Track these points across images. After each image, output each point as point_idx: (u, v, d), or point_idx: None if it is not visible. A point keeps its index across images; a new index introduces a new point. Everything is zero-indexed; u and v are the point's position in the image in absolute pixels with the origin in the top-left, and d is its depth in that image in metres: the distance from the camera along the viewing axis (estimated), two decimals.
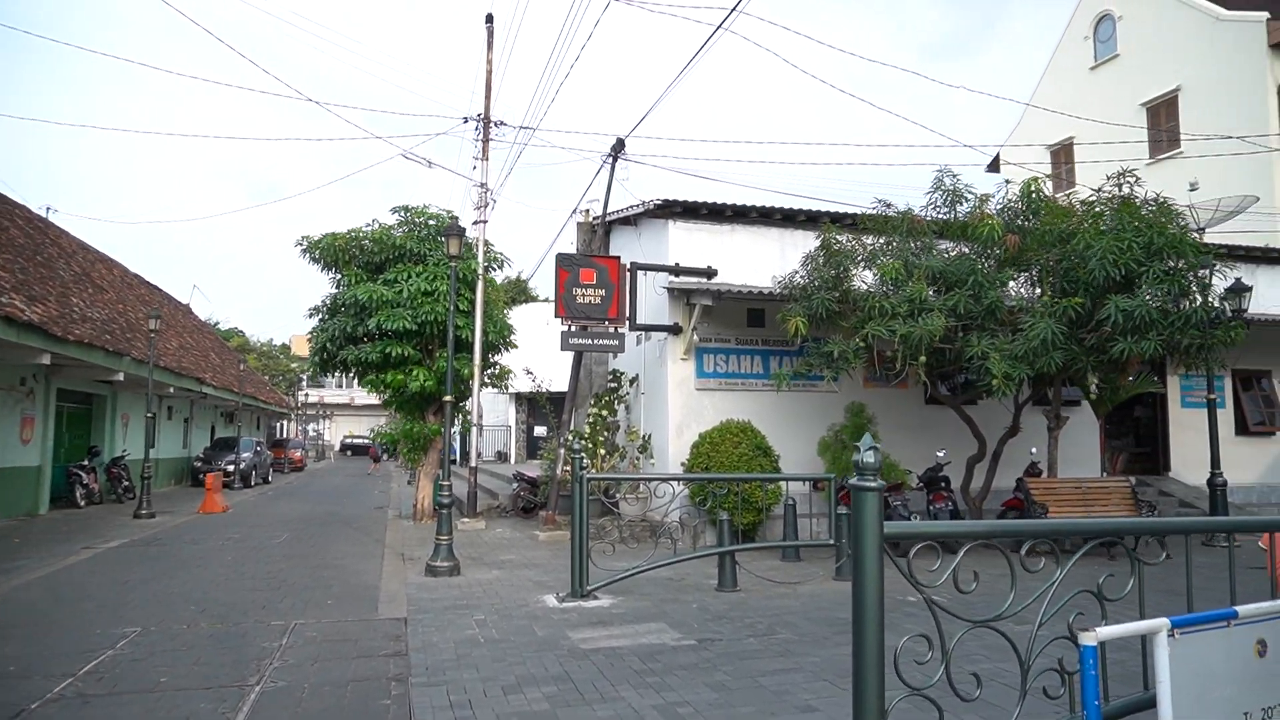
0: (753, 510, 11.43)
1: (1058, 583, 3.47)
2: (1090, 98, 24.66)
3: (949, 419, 12.87)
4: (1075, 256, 10.29)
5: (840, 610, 7.66)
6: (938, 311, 10.03)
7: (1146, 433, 16.51)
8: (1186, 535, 3.81)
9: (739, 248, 13.60)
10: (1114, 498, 11.60)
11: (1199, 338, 10.21)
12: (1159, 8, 23.80)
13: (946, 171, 11.20)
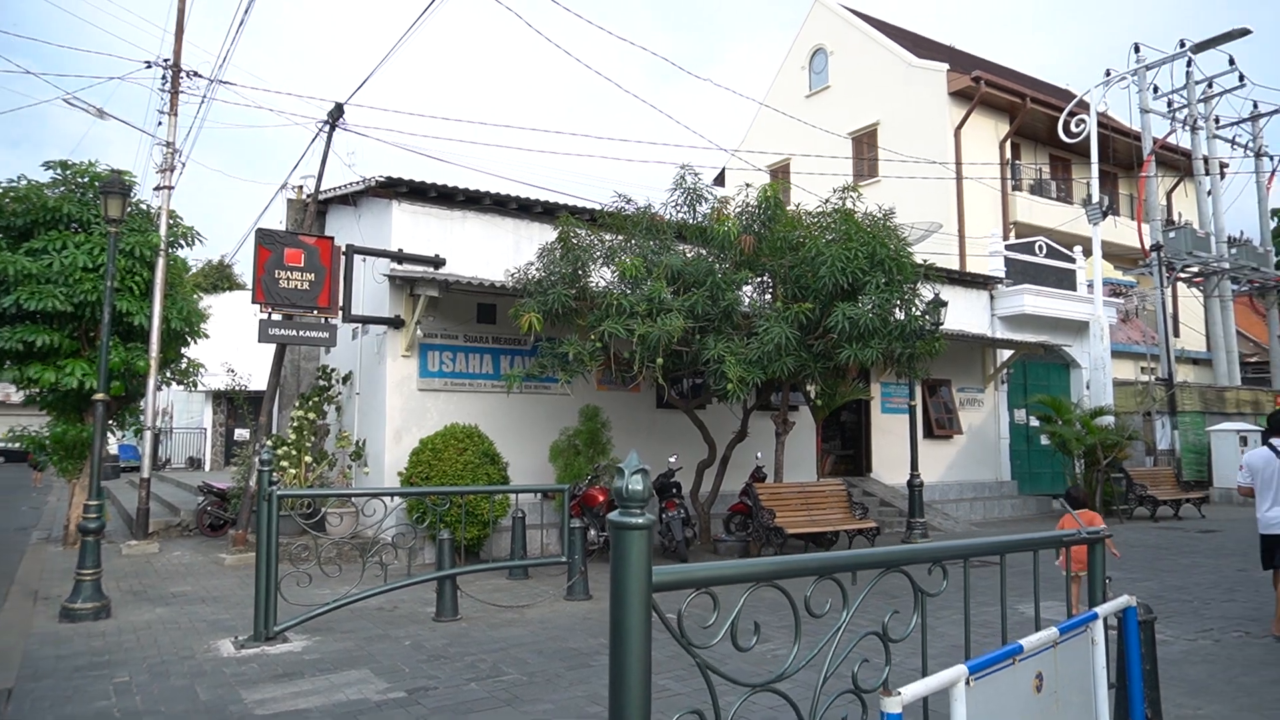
0: (477, 524, 10.43)
1: (843, 627, 2.90)
2: (806, 124, 26.43)
3: (680, 423, 12.72)
4: (806, 264, 10.44)
5: (574, 638, 6.91)
6: (676, 312, 9.70)
7: (851, 436, 17.65)
8: (965, 560, 3.43)
9: (470, 237, 12.54)
10: (831, 501, 12.00)
11: (910, 347, 10.76)
12: (863, 48, 26.03)
13: (688, 170, 10.97)
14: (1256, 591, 8.74)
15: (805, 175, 21.30)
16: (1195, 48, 21.52)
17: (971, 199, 22.79)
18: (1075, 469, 16.64)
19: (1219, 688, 5.43)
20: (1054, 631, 3.34)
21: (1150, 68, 22.05)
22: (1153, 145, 22.34)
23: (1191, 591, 8.77)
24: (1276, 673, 5.78)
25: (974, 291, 18.25)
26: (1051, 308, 18.45)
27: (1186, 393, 20.87)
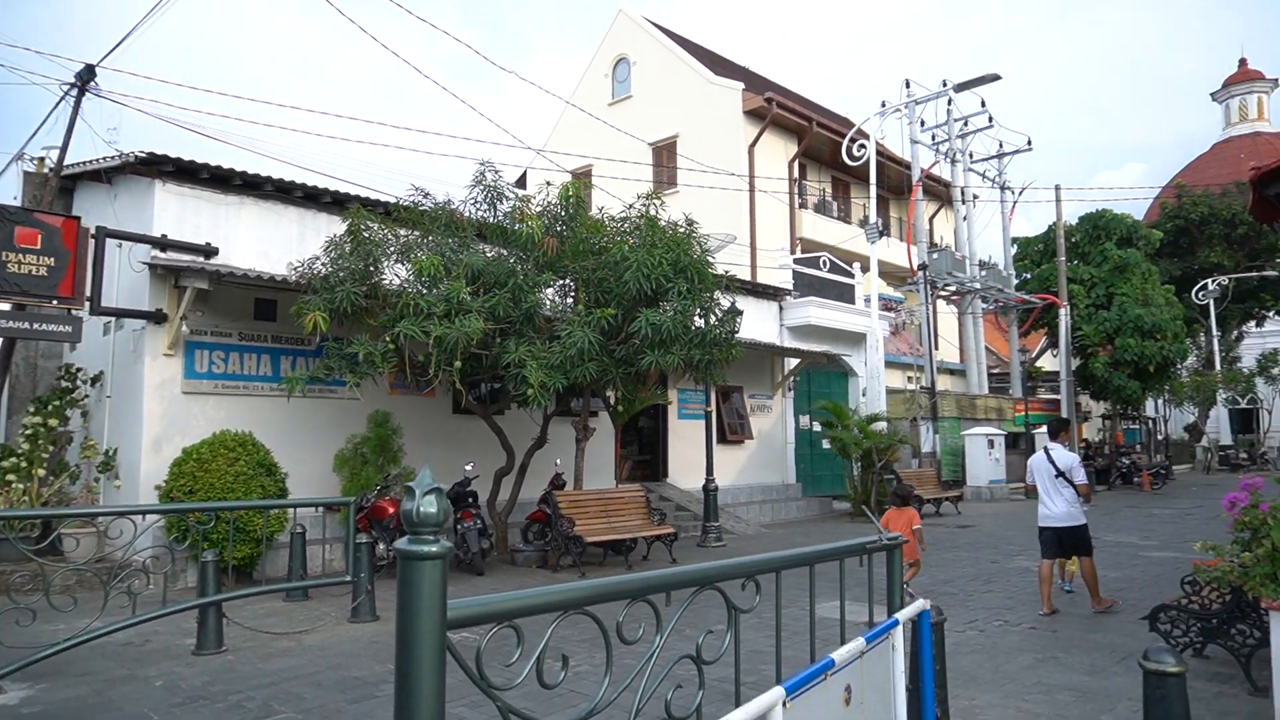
0: (249, 542, 9.45)
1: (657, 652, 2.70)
2: (609, 131, 26.65)
3: (478, 430, 12.26)
4: (609, 268, 10.35)
5: (358, 665, 6.34)
6: (476, 313, 9.28)
7: (649, 441, 17.87)
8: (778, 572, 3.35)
9: (249, 225, 11.43)
10: (630, 507, 11.99)
11: (708, 354, 10.95)
12: (665, 61, 26.66)
13: (489, 167, 10.56)
14: (1009, 582, 9.60)
15: (608, 180, 21.40)
16: (956, 88, 23.74)
17: (763, 213, 23.89)
18: (853, 471, 17.76)
19: (987, 677, 5.81)
20: (861, 642, 3.32)
21: (919, 103, 24.09)
22: (920, 174, 24.41)
23: (956, 584, 9.49)
24: (1032, 658, 6.28)
25: (765, 302, 19.06)
26: (834, 320, 19.64)
27: (946, 400, 22.94)
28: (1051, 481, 7.87)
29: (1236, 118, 56.51)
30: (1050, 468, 7.88)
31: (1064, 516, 7.81)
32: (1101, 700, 5.25)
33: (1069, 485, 7.81)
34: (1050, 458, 7.92)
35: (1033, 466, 8.13)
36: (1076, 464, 7.92)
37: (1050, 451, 7.98)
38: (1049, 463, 7.90)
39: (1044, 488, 7.93)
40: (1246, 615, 5.46)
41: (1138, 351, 26.10)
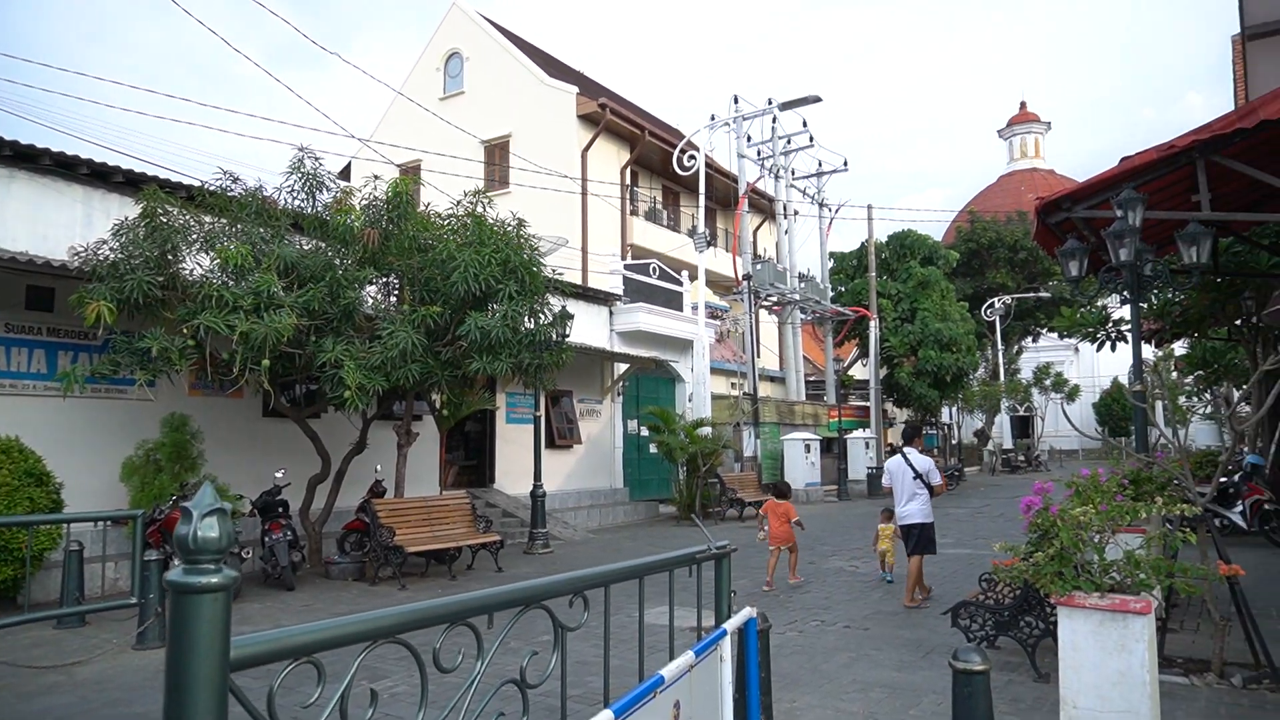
0: (12, 562, 8.32)
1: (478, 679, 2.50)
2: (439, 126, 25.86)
3: (290, 434, 11.45)
4: (436, 267, 9.95)
5: (141, 699, 5.67)
6: (288, 309, 8.64)
7: (476, 446, 17.41)
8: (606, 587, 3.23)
9: (21, 202, 10.12)
10: (455, 515, 11.59)
11: (538, 358, 10.76)
12: (498, 58, 26.21)
13: (308, 153, 9.89)
14: (825, 582, 10.01)
15: (438, 176, 20.73)
16: (781, 106, 24.81)
17: (595, 218, 23.96)
18: (679, 475, 18.07)
19: (807, 678, 5.97)
20: (690, 656, 3.25)
21: (746, 119, 24.97)
22: (746, 187, 25.32)
23: (776, 585, 9.78)
24: (848, 657, 6.53)
25: (595, 307, 19.07)
26: (663, 326, 19.94)
27: (767, 406, 23.86)
28: (909, 483, 8.45)
29: (1019, 154, 62.73)
30: (909, 470, 8.48)
31: (916, 514, 8.45)
32: (910, 695, 5.51)
33: (925, 486, 8.44)
34: (909, 461, 8.53)
35: (890, 469, 8.70)
36: (932, 467, 8.61)
37: (908, 456, 8.59)
38: (908, 466, 8.50)
39: (900, 489, 8.52)
40: (1033, 609, 5.91)
41: (937, 363, 28.28)
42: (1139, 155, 9.34)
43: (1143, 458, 6.90)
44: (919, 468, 8.51)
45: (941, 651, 6.57)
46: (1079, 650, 4.07)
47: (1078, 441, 43.81)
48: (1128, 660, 3.94)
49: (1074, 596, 4.08)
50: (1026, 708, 5.18)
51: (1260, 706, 5.10)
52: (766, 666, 4.32)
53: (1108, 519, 4.40)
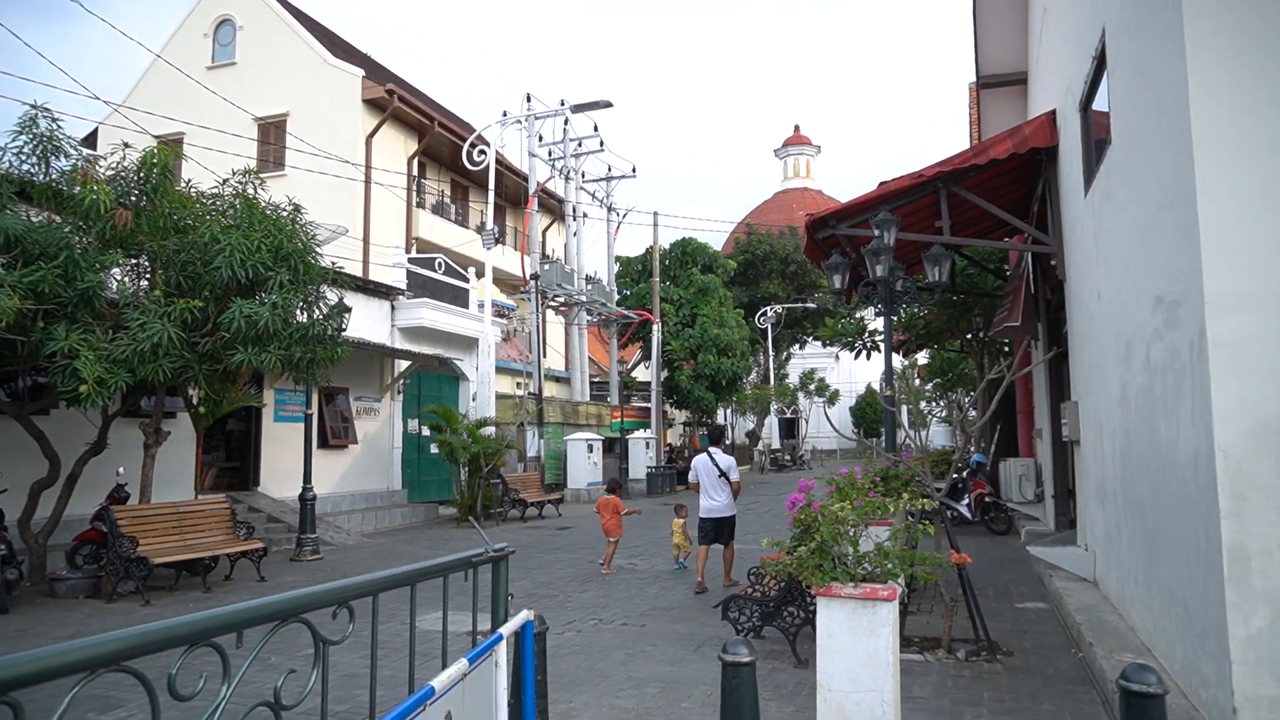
0: None
1: (223, 706, 2.27)
2: (207, 98, 23.70)
3: (11, 432, 10.01)
4: (197, 250, 9.09)
5: None
6: (9, 289, 7.55)
7: (239, 446, 16.12)
8: (375, 596, 3.05)
9: None
10: (211, 521, 10.64)
11: (311, 352, 10.12)
12: (277, 31, 24.46)
13: (43, 112, 8.68)
14: (604, 581, 10.17)
15: (203, 152, 18.97)
16: (573, 109, 25.00)
17: (379, 208, 22.96)
18: (461, 476, 17.69)
19: (584, 677, 6.01)
20: (464, 664, 3.15)
21: (538, 118, 24.95)
22: (536, 187, 25.28)
23: (556, 586, 9.81)
24: (624, 654, 6.65)
25: (376, 300, 18.25)
26: (447, 323, 19.44)
27: (551, 407, 23.95)
28: (715, 480, 9.16)
29: (792, 173, 67.30)
30: (714, 468, 9.19)
31: (724, 508, 9.19)
32: (682, 688, 5.69)
33: (728, 483, 9.20)
34: (714, 460, 9.25)
35: (697, 467, 9.37)
36: (734, 465, 9.42)
37: (713, 455, 9.33)
38: (713, 464, 9.21)
39: (707, 485, 9.20)
40: (795, 600, 6.31)
41: (715, 367, 29.66)
42: (894, 181, 10.28)
43: (890, 457, 7.58)
44: (723, 466, 9.22)
45: (713, 644, 6.86)
46: (834, 636, 4.38)
47: (837, 442, 47.61)
48: (875, 643, 4.29)
49: (831, 587, 4.38)
50: (789, 693, 5.51)
51: (979, 676, 5.74)
52: (543, 669, 4.30)
53: (863, 514, 4.77)
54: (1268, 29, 4.27)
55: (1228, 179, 4.27)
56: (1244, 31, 4.31)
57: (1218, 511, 4.10)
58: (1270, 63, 4.25)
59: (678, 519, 10.80)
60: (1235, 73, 4.30)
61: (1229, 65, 4.32)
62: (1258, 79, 4.26)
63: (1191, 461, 4.52)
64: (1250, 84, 4.28)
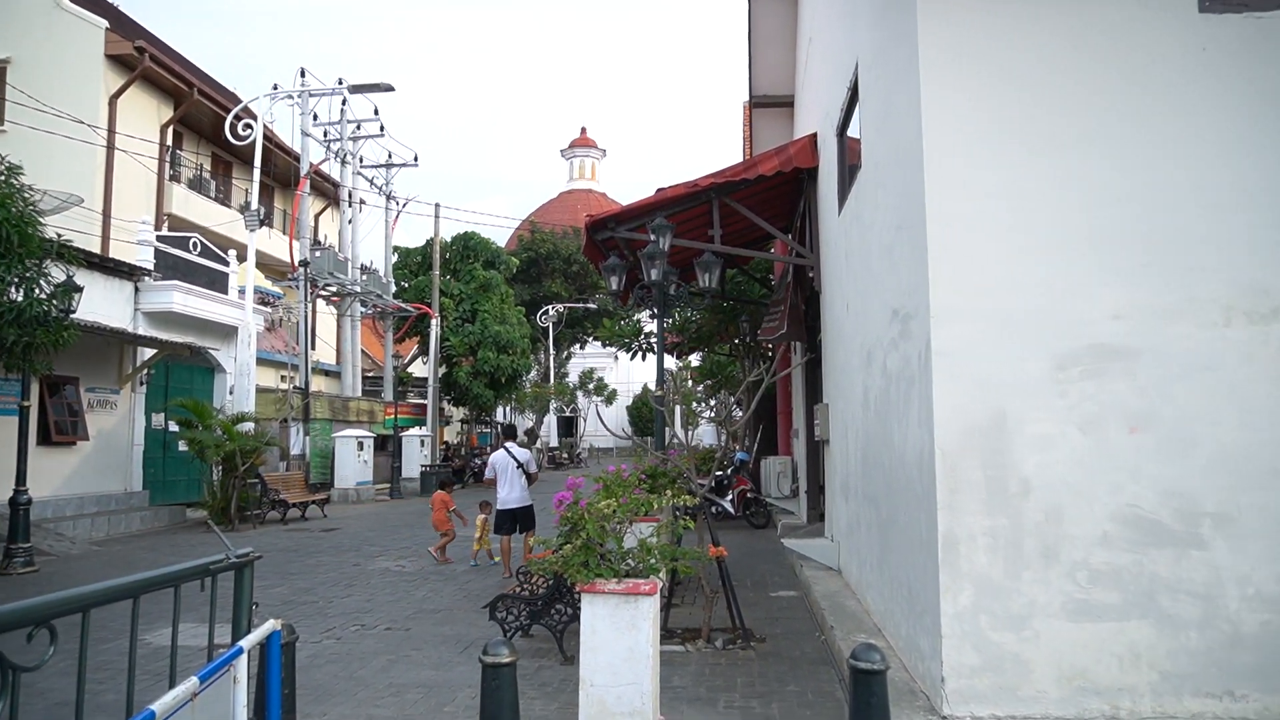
0: None
1: None
2: None
3: None
4: None
5: None
6: None
7: None
8: (85, 612, 2.71)
9: None
10: None
11: (29, 335, 8.89)
12: None
13: None
14: (370, 584, 9.73)
15: None
16: (351, 89, 23.77)
17: (124, 179, 20.60)
18: (213, 476, 16.28)
19: (341, 687, 5.71)
20: (194, 682, 2.88)
21: (313, 95, 23.48)
22: (309, 168, 23.79)
23: (317, 591, 9.26)
24: (386, 660, 6.39)
25: (116, 281, 16.38)
26: (203, 309, 17.80)
27: (319, 401, 22.65)
28: (513, 473, 9.76)
29: (577, 174, 68.11)
30: (512, 461, 9.78)
31: (519, 499, 9.76)
32: (446, 693, 5.55)
33: (525, 475, 9.81)
34: (512, 454, 9.84)
35: (494, 462, 9.97)
36: (531, 458, 10.12)
37: (511, 450, 9.92)
38: (511, 458, 9.80)
39: (505, 478, 9.76)
40: (564, 597, 6.36)
41: (495, 364, 29.33)
42: (672, 189, 10.65)
43: (660, 455, 7.84)
44: (520, 459, 9.86)
45: (480, 646, 6.74)
46: (597, 632, 4.45)
47: (613, 441, 48.73)
48: (635, 637, 4.40)
49: (595, 583, 4.45)
50: (553, 690, 5.54)
51: (734, 663, 6.07)
52: (291, 682, 4.03)
53: (628, 510, 4.89)
54: (995, 76, 4.84)
55: (952, 208, 4.79)
56: (974, 77, 4.85)
57: (935, 504, 4.59)
58: (996, 107, 4.82)
59: (481, 515, 11.06)
60: (964, 115, 4.84)
61: (960, 107, 4.85)
62: (984, 121, 4.82)
63: (917, 459, 5.04)
64: (977, 126, 4.83)
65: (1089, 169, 4.72)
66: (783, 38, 14.59)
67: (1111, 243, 4.66)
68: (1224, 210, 4.62)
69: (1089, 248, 4.67)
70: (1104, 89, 4.76)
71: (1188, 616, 4.39)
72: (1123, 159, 4.71)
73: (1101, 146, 4.72)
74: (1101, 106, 4.75)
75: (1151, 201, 4.67)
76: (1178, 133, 4.70)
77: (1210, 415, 4.50)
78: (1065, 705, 4.39)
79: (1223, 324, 4.56)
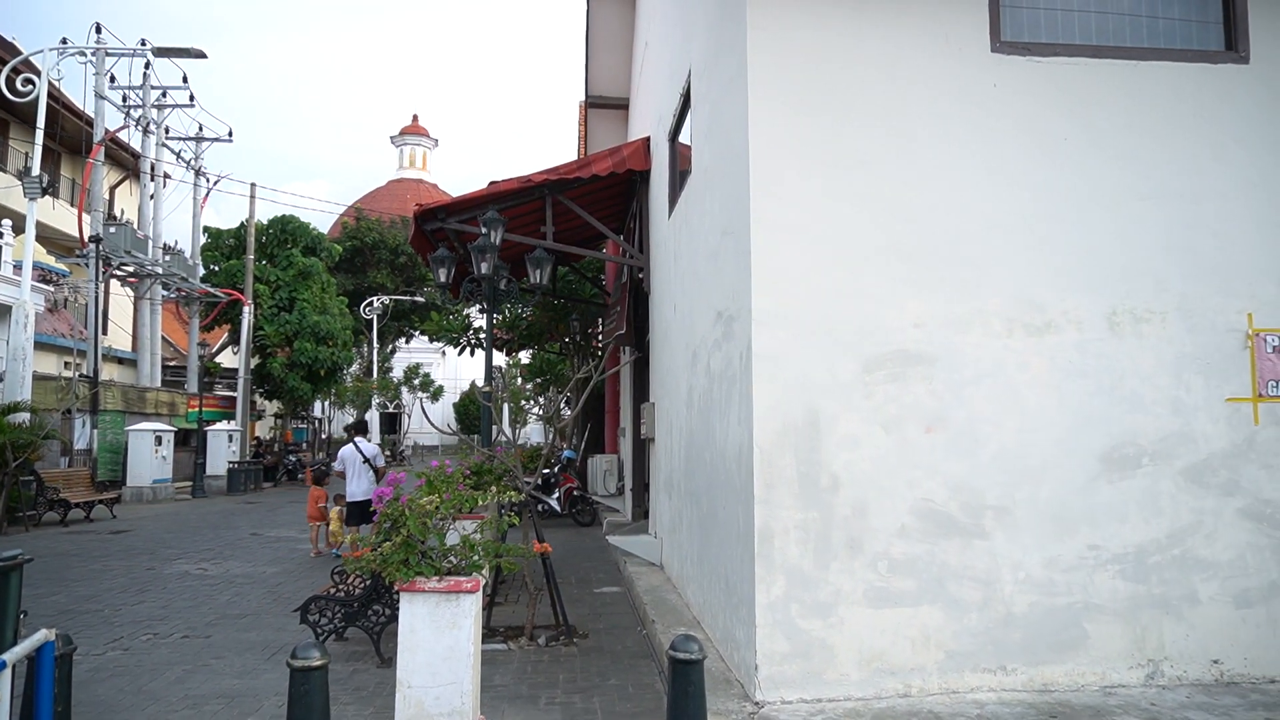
0: None
1: None
2: None
3: None
4: None
5: None
6: None
7: None
8: None
9: None
10: None
11: None
12: None
13: None
14: (165, 589, 8.99)
15: None
16: (156, 51, 21.88)
17: None
18: None
19: (128, 701, 5.23)
20: None
21: (110, 54, 21.40)
22: (104, 135, 21.65)
23: (103, 599, 8.44)
24: (181, 671, 5.91)
25: None
26: None
27: (110, 391, 20.67)
28: (360, 467, 10.36)
29: (407, 163, 65.92)
30: (359, 456, 10.38)
31: (366, 493, 10.10)
32: (250, 702, 5.21)
33: (372, 469, 10.37)
34: (359, 449, 10.44)
35: (344, 456, 10.57)
36: (378, 453, 10.80)
37: (359, 444, 10.53)
38: (359, 452, 10.41)
39: (352, 472, 10.36)
40: (381, 597, 6.13)
41: (313, 355, 27.85)
42: (505, 183, 10.52)
43: (485, 451, 7.73)
44: (368, 454, 10.47)
45: (288, 651, 6.39)
46: (416, 632, 4.32)
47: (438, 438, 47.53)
48: (456, 635, 4.31)
49: (415, 582, 4.32)
50: (369, 694, 5.33)
51: (557, 659, 6.08)
52: (65, 698, 3.65)
53: (451, 506, 4.78)
54: (817, 93, 5.10)
55: (775, 216, 5.02)
56: (797, 93, 5.10)
57: (753, 499, 4.80)
58: (817, 122, 5.09)
59: (335, 508, 11.37)
60: (787, 127, 5.08)
61: (783, 120, 5.08)
62: (805, 134, 5.08)
63: (737, 456, 5.24)
64: (799, 139, 5.08)
65: (895, 188, 5.09)
66: (620, 41, 14.77)
67: (913, 256, 5.04)
68: (1007, 231, 5.11)
69: (895, 259, 5.03)
70: (909, 114, 5.14)
71: (970, 600, 4.82)
72: (921, 180, 5.10)
73: (904, 167, 5.10)
74: (905, 130, 5.13)
75: (945, 221, 5.09)
76: (970, 159, 5.15)
77: (993, 417, 4.97)
78: (864, 686, 4.70)
79: (1005, 334, 5.04)
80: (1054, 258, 5.11)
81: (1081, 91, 5.24)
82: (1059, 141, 5.19)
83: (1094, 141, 5.21)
